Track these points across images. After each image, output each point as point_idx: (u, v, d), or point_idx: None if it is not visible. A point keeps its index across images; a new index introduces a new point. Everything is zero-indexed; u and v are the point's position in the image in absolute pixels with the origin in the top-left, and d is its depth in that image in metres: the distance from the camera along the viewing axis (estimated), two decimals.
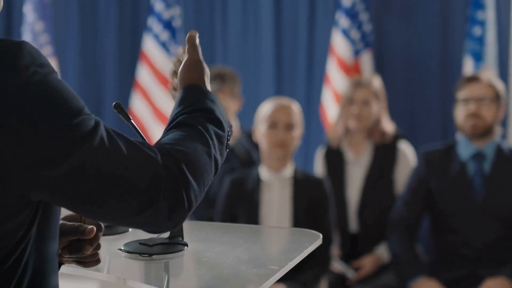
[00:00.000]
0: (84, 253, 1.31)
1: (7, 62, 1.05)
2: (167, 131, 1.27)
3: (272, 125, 3.30)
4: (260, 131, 3.34)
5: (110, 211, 1.13)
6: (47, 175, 1.06)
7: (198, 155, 1.22)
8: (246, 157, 3.53)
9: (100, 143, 1.09)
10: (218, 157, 1.27)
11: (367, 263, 3.52)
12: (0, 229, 1.07)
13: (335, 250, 3.48)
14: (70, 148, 1.07)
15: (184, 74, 1.40)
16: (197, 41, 1.43)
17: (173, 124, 1.28)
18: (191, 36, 1.43)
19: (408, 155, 3.66)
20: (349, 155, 3.68)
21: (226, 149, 1.32)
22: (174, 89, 1.45)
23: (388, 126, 3.70)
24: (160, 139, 1.24)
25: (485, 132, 3.29)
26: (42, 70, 1.07)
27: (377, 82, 3.72)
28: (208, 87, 1.39)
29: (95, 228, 1.30)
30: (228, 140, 1.33)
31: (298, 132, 3.35)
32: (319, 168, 3.74)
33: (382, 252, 3.53)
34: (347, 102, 3.68)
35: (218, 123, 1.31)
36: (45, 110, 1.05)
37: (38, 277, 1.15)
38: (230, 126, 1.36)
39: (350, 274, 3.49)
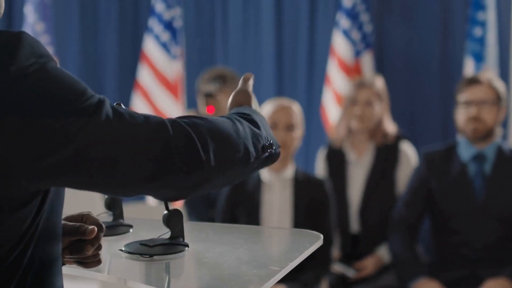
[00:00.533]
0: (85, 254, 1.31)
1: (7, 53, 1.06)
2: None
3: (273, 125, 3.30)
4: None
5: (126, 181, 1.13)
6: (59, 157, 1.06)
7: (219, 122, 1.22)
8: None
9: (106, 118, 1.10)
10: (250, 145, 1.26)
11: (369, 264, 3.52)
12: (4, 222, 1.08)
13: (335, 252, 3.48)
14: (78, 126, 1.07)
15: (234, 98, 1.46)
16: (252, 82, 1.52)
17: None
18: (247, 76, 1.52)
19: (410, 155, 3.66)
20: (351, 155, 3.68)
21: (264, 151, 1.31)
22: None
23: (390, 127, 3.70)
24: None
25: (485, 135, 3.29)
26: (41, 60, 1.08)
27: (379, 83, 3.72)
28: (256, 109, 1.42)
29: (96, 229, 1.30)
30: (267, 144, 1.32)
31: (298, 132, 3.35)
32: (320, 168, 3.74)
33: (383, 253, 3.53)
34: (350, 102, 3.68)
35: (254, 123, 1.32)
36: (46, 97, 1.06)
37: (43, 275, 1.15)
38: (274, 140, 1.37)
39: (350, 273, 3.49)
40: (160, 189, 1.17)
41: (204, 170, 1.16)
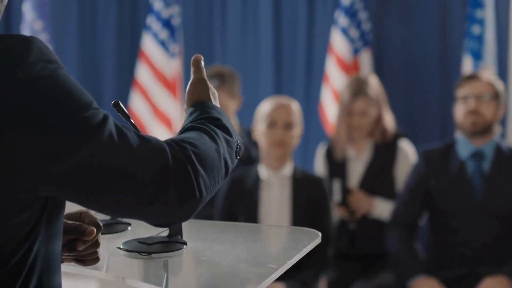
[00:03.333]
0: (77, 249, 1.31)
1: (16, 57, 1.05)
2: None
3: (271, 124, 3.30)
4: (259, 130, 3.34)
5: (119, 203, 1.14)
6: (56, 169, 1.06)
7: (206, 148, 1.23)
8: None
9: (109, 136, 1.10)
10: (228, 159, 1.28)
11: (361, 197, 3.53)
12: (7, 224, 1.08)
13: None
14: (79, 141, 1.07)
15: (191, 93, 1.45)
16: (202, 63, 1.48)
17: (181, 131, 1.31)
18: (196, 58, 1.48)
19: (408, 153, 3.65)
20: (350, 152, 3.68)
21: (236, 157, 1.33)
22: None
23: (389, 122, 3.68)
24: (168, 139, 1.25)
25: (484, 129, 3.28)
26: (50, 65, 1.08)
27: (374, 85, 3.67)
28: (215, 103, 1.43)
29: (95, 230, 1.31)
30: (238, 149, 1.34)
31: (297, 131, 3.35)
32: (319, 165, 3.74)
33: (379, 205, 3.53)
34: (345, 112, 3.63)
35: (226, 130, 1.33)
36: (53, 104, 1.06)
37: (44, 275, 1.15)
38: (241, 141, 1.37)
39: (336, 197, 3.50)
40: (151, 214, 1.17)
41: (195, 201, 1.17)
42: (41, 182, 1.07)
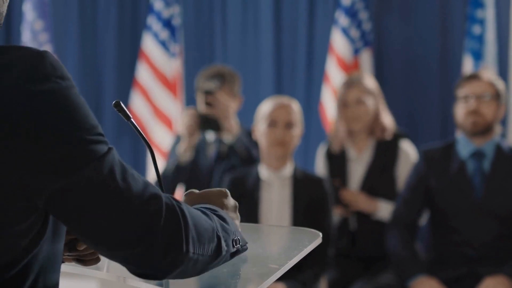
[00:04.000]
0: (77, 249, 1.31)
1: (27, 70, 1.05)
2: None
3: (272, 123, 3.30)
4: (260, 130, 3.34)
5: (103, 239, 1.11)
6: (51, 186, 1.05)
7: (199, 215, 1.20)
8: (246, 154, 3.53)
9: (110, 168, 1.09)
10: (222, 238, 1.23)
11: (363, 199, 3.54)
12: (13, 230, 1.07)
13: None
14: (80, 162, 1.06)
15: (207, 193, 1.38)
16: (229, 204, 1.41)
17: None
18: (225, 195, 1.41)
19: (409, 153, 3.65)
20: (351, 152, 3.68)
21: (233, 246, 1.28)
22: None
23: (388, 120, 3.69)
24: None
25: (485, 129, 3.29)
26: (62, 81, 1.07)
27: (368, 79, 3.71)
28: (231, 215, 1.37)
29: None
30: (237, 242, 1.29)
31: (297, 131, 3.35)
32: (320, 166, 3.74)
33: (383, 207, 3.53)
34: (341, 105, 3.66)
35: (223, 219, 1.28)
36: (60, 120, 1.05)
37: (43, 275, 1.15)
38: (242, 238, 1.33)
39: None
40: (133, 258, 1.13)
41: (180, 253, 1.14)
42: (37, 195, 1.06)
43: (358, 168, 3.66)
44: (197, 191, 1.39)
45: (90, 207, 1.08)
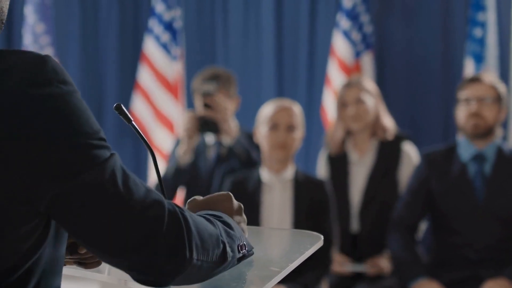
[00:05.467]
0: (79, 252, 1.31)
1: (29, 75, 1.05)
2: None
3: (273, 126, 3.30)
4: (261, 133, 3.34)
5: (104, 245, 1.11)
6: (52, 191, 1.05)
7: (203, 221, 1.19)
8: (246, 157, 3.52)
9: (112, 173, 1.08)
10: (227, 244, 1.22)
11: (383, 261, 3.52)
12: (11, 236, 1.07)
13: (337, 255, 3.47)
14: (81, 167, 1.06)
15: (213, 198, 1.37)
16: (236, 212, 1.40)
17: None
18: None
19: (412, 156, 3.65)
20: (353, 155, 3.67)
21: (239, 251, 1.27)
22: None
23: (388, 122, 3.69)
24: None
25: (486, 132, 3.29)
26: (63, 86, 1.07)
27: (367, 81, 3.71)
28: (236, 219, 1.36)
29: None
30: (243, 247, 1.29)
31: (299, 133, 3.35)
32: (322, 169, 3.74)
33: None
34: (341, 105, 3.66)
35: (227, 225, 1.27)
36: (61, 125, 1.05)
37: (45, 279, 1.15)
38: (251, 246, 1.32)
39: (362, 268, 3.50)
40: (135, 264, 1.13)
41: (184, 259, 1.13)
42: (38, 199, 1.06)
43: (360, 171, 3.65)
44: (200, 197, 1.38)
45: (91, 212, 1.07)
